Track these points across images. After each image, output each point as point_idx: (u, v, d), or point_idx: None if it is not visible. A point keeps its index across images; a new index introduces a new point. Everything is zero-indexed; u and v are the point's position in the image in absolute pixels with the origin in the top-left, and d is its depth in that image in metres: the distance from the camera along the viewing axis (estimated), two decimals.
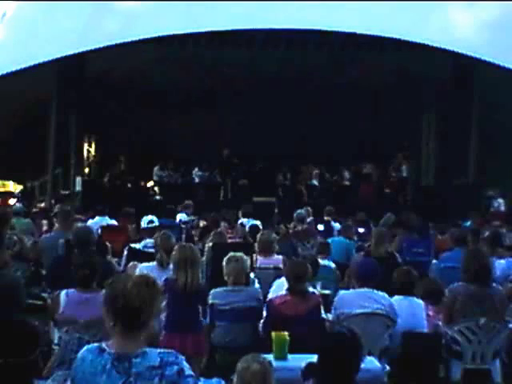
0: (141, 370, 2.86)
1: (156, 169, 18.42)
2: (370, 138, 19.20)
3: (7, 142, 17.11)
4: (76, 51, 14.97)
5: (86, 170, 18.90)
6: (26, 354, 2.73)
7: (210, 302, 5.86)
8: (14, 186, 21.45)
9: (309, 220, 11.94)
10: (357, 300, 5.61)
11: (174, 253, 5.95)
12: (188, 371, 2.92)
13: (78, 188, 16.92)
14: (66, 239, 7.25)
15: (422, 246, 9.01)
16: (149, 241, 7.89)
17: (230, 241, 9.64)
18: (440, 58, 15.91)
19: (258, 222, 10.58)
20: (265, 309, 5.80)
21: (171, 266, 6.22)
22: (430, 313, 5.89)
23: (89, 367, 2.89)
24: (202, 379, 4.82)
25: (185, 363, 2.94)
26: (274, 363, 4.47)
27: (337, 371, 3.44)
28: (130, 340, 2.90)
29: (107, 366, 2.87)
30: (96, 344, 2.97)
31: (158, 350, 2.93)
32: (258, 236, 8.13)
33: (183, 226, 11.53)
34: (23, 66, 14.61)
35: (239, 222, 11.69)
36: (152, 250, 7.25)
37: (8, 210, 11.63)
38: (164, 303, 5.66)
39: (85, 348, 2.99)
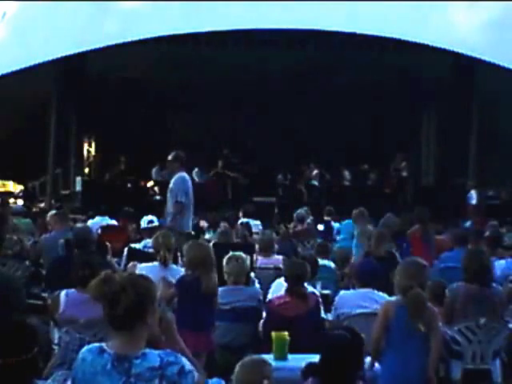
0: (141, 371, 2.87)
1: (156, 169, 18.39)
2: (370, 137, 19.18)
3: (7, 141, 17.10)
4: (76, 51, 14.99)
5: (86, 170, 18.89)
6: (23, 353, 2.73)
7: None
8: (13, 186, 21.41)
9: (309, 220, 11.96)
10: (357, 300, 5.62)
11: (191, 251, 5.71)
12: (188, 367, 2.94)
13: (78, 188, 16.92)
14: (66, 239, 7.26)
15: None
16: (149, 241, 7.86)
17: None
18: (440, 58, 15.91)
19: (258, 222, 10.58)
20: (264, 309, 5.79)
21: (172, 265, 6.22)
22: None
23: (89, 367, 2.90)
24: None
25: (184, 361, 2.95)
26: (274, 363, 4.48)
27: (338, 370, 3.45)
28: (130, 341, 2.91)
29: (107, 367, 2.87)
30: (97, 344, 2.98)
31: (158, 351, 2.94)
32: (258, 236, 8.13)
33: None
34: (23, 65, 14.62)
35: (239, 222, 11.69)
36: (152, 250, 7.22)
37: (7, 209, 11.61)
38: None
39: (85, 348, 2.99)
